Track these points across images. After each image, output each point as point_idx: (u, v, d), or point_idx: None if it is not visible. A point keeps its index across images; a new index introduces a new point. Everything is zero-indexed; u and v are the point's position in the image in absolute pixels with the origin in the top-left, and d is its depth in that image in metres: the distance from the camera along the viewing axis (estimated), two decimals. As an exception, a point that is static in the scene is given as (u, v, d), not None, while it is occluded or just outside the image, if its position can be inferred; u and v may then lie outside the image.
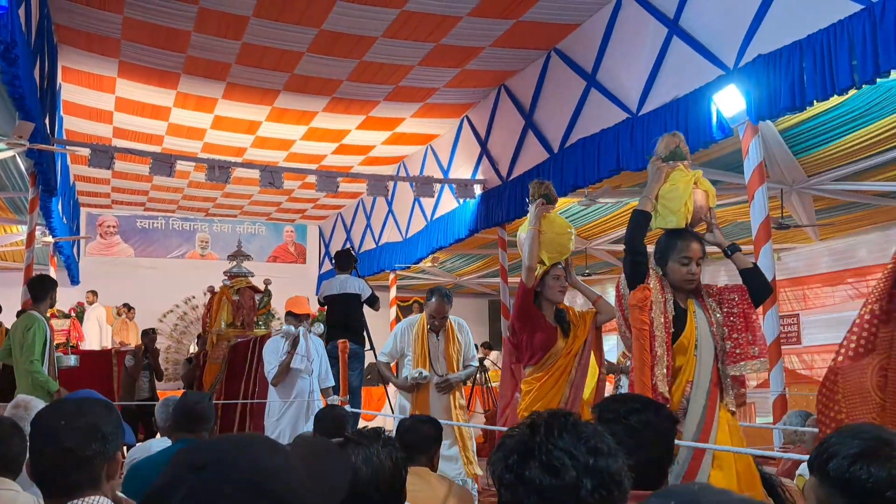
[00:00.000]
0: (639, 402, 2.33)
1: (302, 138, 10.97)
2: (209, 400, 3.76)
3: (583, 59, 7.82)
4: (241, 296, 8.13)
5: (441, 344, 5.54)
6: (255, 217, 16.61)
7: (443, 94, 9.53)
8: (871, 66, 4.75)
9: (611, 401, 2.40)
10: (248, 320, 8.09)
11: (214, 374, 7.86)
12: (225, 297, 8.10)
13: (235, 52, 8.24)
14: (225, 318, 8.01)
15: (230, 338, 7.88)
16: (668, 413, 2.30)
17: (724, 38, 6.05)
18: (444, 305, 5.55)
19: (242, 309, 8.07)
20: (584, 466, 1.30)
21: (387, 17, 7.44)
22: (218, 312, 8.12)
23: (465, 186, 9.83)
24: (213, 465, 0.91)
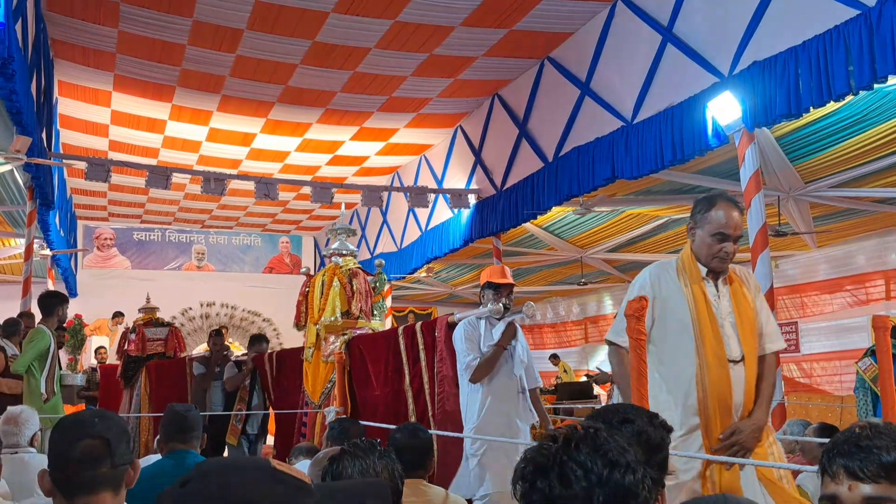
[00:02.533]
0: (632, 411, 2.32)
1: (296, 150, 10.97)
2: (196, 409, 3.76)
3: (576, 67, 7.83)
4: (355, 279, 6.38)
5: None
6: (251, 228, 16.59)
7: (436, 105, 9.53)
8: (868, 72, 4.75)
9: (604, 410, 2.38)
10: (366, 309, 6.38)
11: (323, 375, 6.30)
12: (337, 281, 6.28)
13: (230, 65, 8.24)
14: (339, 306, 6.28)
15: (344, 330, 6.21)
16: (661, 422, 2.28)
17: (719, 45, 6.06)
18: None
19: (359, 295, 6.35)
20: (598, 478, 1.30)
21: (380, 28, 7.45)
22: (327, 299, 6.32)
23: (459, 196, 9.82)
24: (196, 480, 0.97)
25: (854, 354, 10.71)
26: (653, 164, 6.52)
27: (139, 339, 9.32)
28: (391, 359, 5.30)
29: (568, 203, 8.35)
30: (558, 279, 14.35)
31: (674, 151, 6.23)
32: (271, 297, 16.34)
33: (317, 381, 6.12)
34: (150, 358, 9.22)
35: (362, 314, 6.27)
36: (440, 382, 4.82)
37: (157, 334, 9.49)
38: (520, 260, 12.27)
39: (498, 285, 4.92)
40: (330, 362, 5.95)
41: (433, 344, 4.97)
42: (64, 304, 6.72)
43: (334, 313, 6.14)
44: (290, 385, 6.96)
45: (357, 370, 5.67)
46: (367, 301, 6.30)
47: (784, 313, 12.12)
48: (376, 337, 5.70)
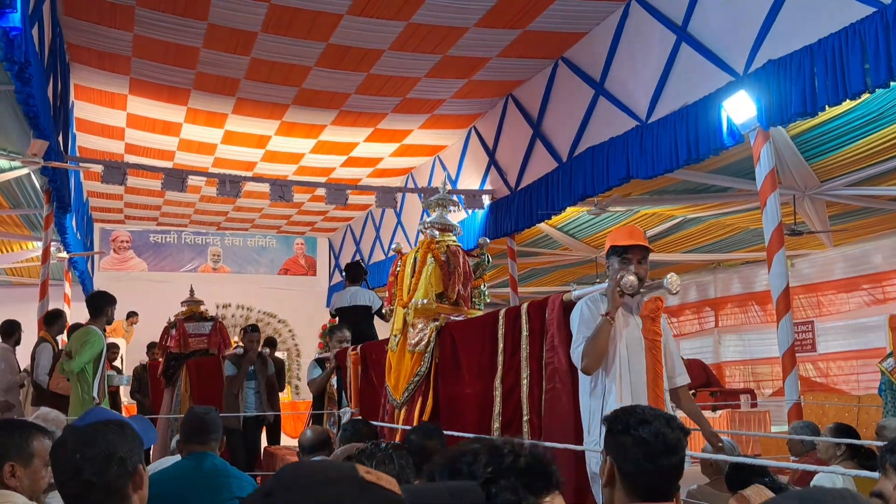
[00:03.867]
0: (649, 413, 2.31)
1: (311, 152, 11.00)
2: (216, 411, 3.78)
3: (590, 67, 7.81)
4: (453, 257, 5.21)
5: None
6: (266, 230, 16.65)
7: (450, 106, 9.54)
8: (885, 70, 4.71)
9: (620, 412, 2.37)
10: (464, 294, 5.26)
11: (409, 368, 5.13)
12: (432, 257, 5.15)
13: (244, 68, 8.29)
14: (433, 286, 5.11)
15: (436, 316, 5.09)
16: (678, 424, 2.27)
17: (734, 44, 6.03)
18: None
19: (457, 276, 5.16)
20: None
21: (393, 29, 7.46)
22: (419, 279, 5.17)
23: (473, 197, 9.82)
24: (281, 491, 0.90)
25: (871, 354, 10.64)
26: (667, 163, 6.49)
27: (179, 334, 8.80)
28: (486, 348, 4.40)
29: (582, 203, 8.33)
30: (573, 279, 14.31)
31: (689, 151, 6.20)
32: (287, 299, 16.42)
33: (400, 375, 5.12)
34: (191, 355, 8.68)
35: (460, 300, 5.19)
36: (549, 377, 3.86)
37: (199, 329, 8.88)
38: (534, 260, 12.26)
39: (625, 249, 3.62)
40: (418, 352, 4.99)
41: (541, 329, 4.01)
42: (113, 304, 6.64)
43: (426, 295, 5.04)
44: (380, 382, 5.96)
45: (446, 362, 4.86)
46: (465, 284, 5.21)
47: (800, 313, 12.04)
48: (473, 323, 4.79)
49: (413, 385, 4.94)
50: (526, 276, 13.40)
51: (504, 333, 4.27)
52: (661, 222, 10.20)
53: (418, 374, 4.93)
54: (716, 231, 10.50)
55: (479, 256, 5.69)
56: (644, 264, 3.66)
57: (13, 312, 10.93)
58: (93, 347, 6.17)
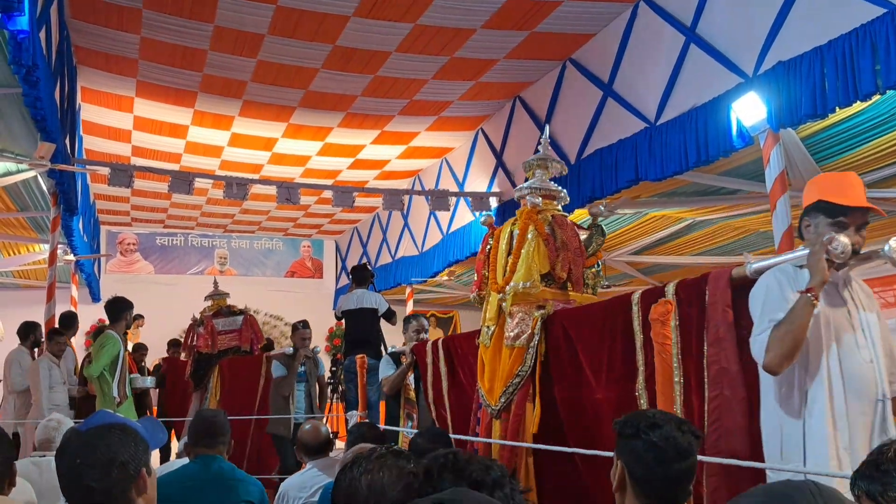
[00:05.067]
0: (660, 417, 2.28)
1: (318, 154, 10.99)
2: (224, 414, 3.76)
3: (599, 68, 7.77)
4: (560, 229, 4.21)
5: None
6: (273, 233, 16.66)
7: (457, 107, 9.51)
8: (895, 71, 4.67)
9: (632, 416, 2.35)
10: (576, 274, 4.25)
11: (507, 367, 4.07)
12: (534, 230, 4.13)
13: (251, 70, 8.28)
14: (537, 266, 4.09)
15: (541, 302, 4.09)
16: (690, 428, 2.24)
17: (743, 46, 5.99)
18: None
19: (566, 252, 4.18)
20: None
21: (400, 31, 7.45)
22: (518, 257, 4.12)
23: (480, 199, 9.79)
24: None
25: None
26: (677, 165, 6.45)
27: (208, 332, 8.10)
28: (617, 342, 3.50)
29: (591, 205, 8.27)
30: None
31: (698, 153, 6.16)
32: (293, 302, 16.41)
33: (496, 376, 4.19)
34: (222, 355, 8.01)
35: (571, 282, 4.24)
36: (714, 381, 2.90)
37: (228, 325, 8.17)
38: (541, 263, 12.21)
39: (842, 210, 2.77)
40: (518, 348, 4.05)
41: (698, 317, 3.05)
42: (131, 308, 6.85)
43: (529, 276, 4.07)
44: (470, 382, 4.87)
45: (558, 360, 3.94)
46: (577, 263, 4.25)
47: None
48: (593, 310, 3.87)
49: (513, 388, 4.03)
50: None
51: (641, 323, 3.32)
52: (669, 225, 10.15)
53: (519, 375, 4.00)
54: (726, 234, 10.44)
55: (591, 229, 4.56)
56: (863, 232, 2.82)
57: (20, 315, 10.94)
58: (109, 351, 6.50)
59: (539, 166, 4.57)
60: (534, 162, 4.60)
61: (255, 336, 8.25)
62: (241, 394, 7.42)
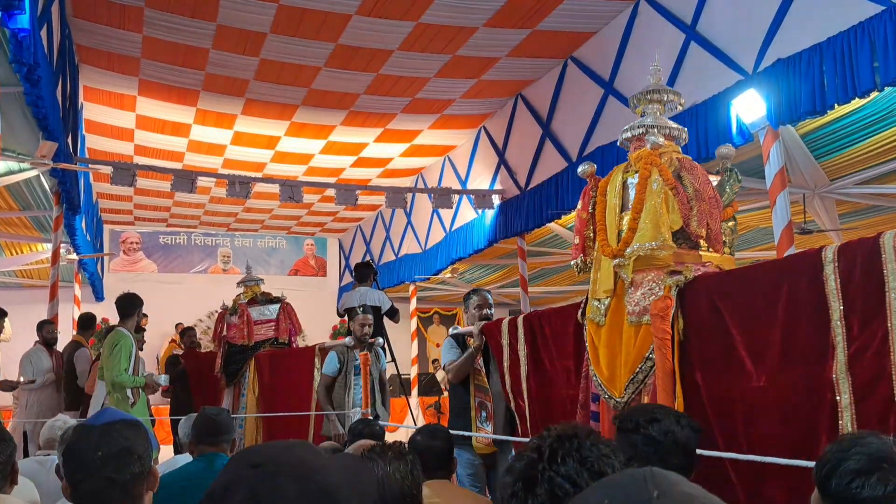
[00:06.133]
0: (659, 411, 2.31)
1: (321, 152, 11.02)
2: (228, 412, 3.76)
3: (600, 66, 7.78)
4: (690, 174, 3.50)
5: None
6: (276, 231, 16.70)
7: (459, 105, 9.53)
8: (894, 68, 4.68)
9: (632, 410, 2.37)
10: (714, 229, 3.49)
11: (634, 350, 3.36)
12: (659, 176, 3.42)
13: (254, 69, 8.31)
14: (667, 220, 3.38)
15: (674, 267, 3.35)
16: (689, 422, 2.27)
17: (743, 43, 6.00)
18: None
19: (701, 202, 3.44)
20: None
21: (402, 30, 7.47)
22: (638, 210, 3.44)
23: (483, 197, 9.82)
24: (268, 462, 1.03)
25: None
26: (677, 162, 6.46)
27: (244, 322, 7.40)
28: (800, 315, 2.78)
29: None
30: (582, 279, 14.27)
31: (698, 149, 6.17)
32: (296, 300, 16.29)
33: (618, 361, 3.43)
34: (257, 347, 7.37)
35: (708, 241, 3.42)
36: None
37: (263, 314, 7.48)
38: (544, 260, 12.23)
39: None
40: (646, 324, 3.28)
41: None
42: (141, 305, 6.66)
43: (658, 235, 3.29)
44: (558, 367, 4.19)
45: (701, 339, 3.18)
46: (714, 216, 3.43)
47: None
48: (753, 274, 3.09)
49: (643, 374, 3.28)
50: (535, 275, 13.38)
51: (842, 288, 2.61)
52: (670, 222, 10.16)
53: (650, 359, 3.25)
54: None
55: (723, 174, 3.74)
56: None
57: (23, 314, 11.04)
58: (126, 351, 6.25)
59: (652, 100, 3.76)
60: (645, 96, 3.78)
61: (293, 326, 7.57)
62: (288, 391, 6.66)
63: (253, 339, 7.41)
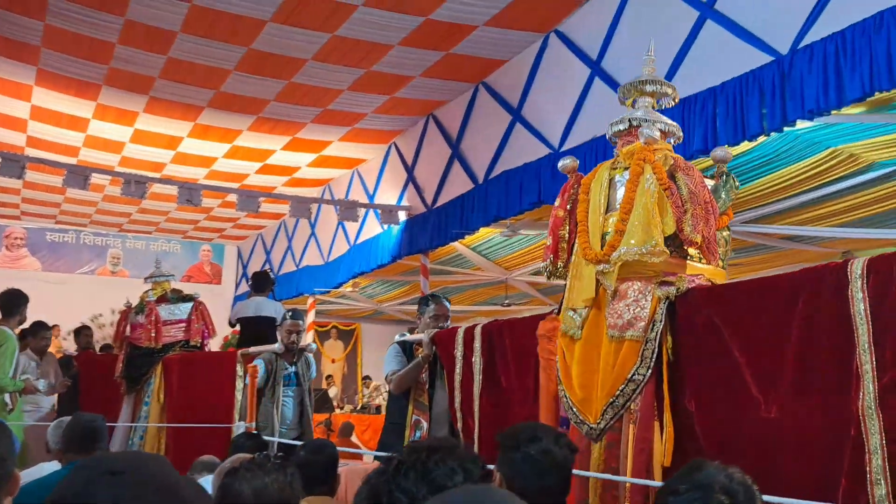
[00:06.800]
0: (539, 430, 2.39)
1: (224, 156, 10.81)
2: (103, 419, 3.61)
3: (509, 93, 8.00)
4: (686, 175, 3.27)
5: None
6: (171, 234, 16.19)
7: (371, 120, 9.57)
8: (780, 116, 5.03)
9: (514, 428, 2.44)
10: (709, 237, 3.24)
11: (614, 369, 3.03)
12: (651, 173, 3.18)
13: (160, 67, 8.10)
14: (659, 223, 3.08)
15: (662, 276, 3.14)
16: (567, 442, 2.35)
17: (644, 82, 6.29)
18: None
19: (696, 206, 3.21)
20: None
21: (318, 40, 7.46)
22: (628, 210, 3.15)
23: (389, 212, 9.86)
24: (131, 471, 1.01)
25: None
26: (577, 191, 6.69)
27: (151, 321, 6.81)
28: (817, 340, 2.45)
29: (496, 224, 8.50)
30: (483, 299, 14.49)
31: (599, 180, 6.42)
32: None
33: (594, 380, 3.06)
34: (165, 350, 6.80)
35: (701, 249, 3.15)
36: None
37: (175, 314, 6.93)
38: (446, 279, 12.37)
39: None
40: (631, 341, 2.93)
41: None
42: (26, 303, 6.12)
43: (649, 238, 2.96)
44: (516, 386, 3.88)
45: (695, 360, 2.89)
46: (710, 223, 3.15)
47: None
48: (761, 286, 2.83)
49: (624, 398, 2.92)
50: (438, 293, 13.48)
51: (872, 308, 2.27)
52: (569, 248, 10.47)
53: (633, 380, 2.88)
54: (620, 259, 10.84)
55: (718, 178, 3.49)
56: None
57: None
58: (10, 351, 5.82)
59: (644, 92, 3.47)
60: (636, 87, 3.48)
61: (206, 328, 7.06)
62: (202, 401, 6.19)
63: (161, 341, 6.85)
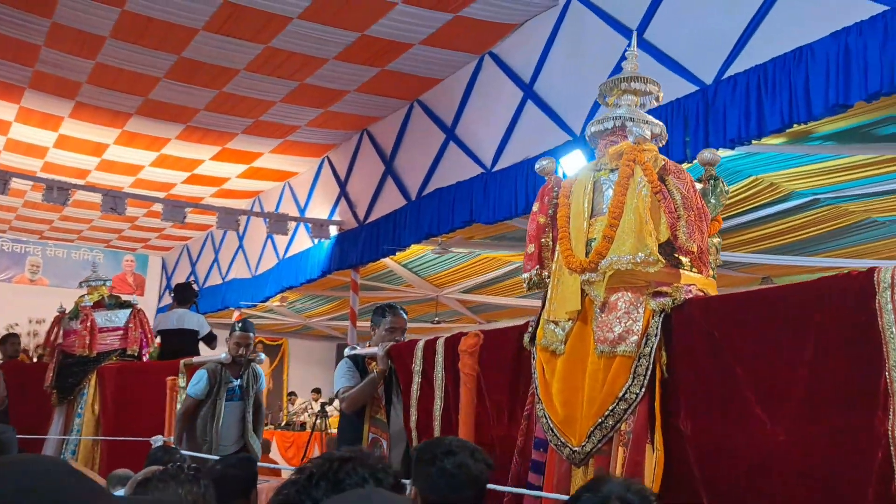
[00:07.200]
0: (455, 445, 2.42)
1: (151, 165, 10.58)
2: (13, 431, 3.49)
3: (444, 112, 8.08)
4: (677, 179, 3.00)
5: None
6: (94, 243, 15.71)
7: (304, 133, 9.52)
8: (703, 144, 5.20)
9: (429, 443, 2.48)
10: (702, 245, 3.01)
11: (601, 387, 2.83)
12: (642, 176, 2.94)
13: (88, 71, 7.90)
14: (651, 229, 2.87)
15: (653, 286, 2.90)
16: (482, 457, 2.39)
17: (574, 106, 6.46)
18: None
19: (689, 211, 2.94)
20: None
21: (251, 51, 7.40)
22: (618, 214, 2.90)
23: (320, 226, 9.80)
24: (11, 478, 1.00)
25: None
26: (507, 211, 6.82)
27: (87, 328, 6.47)
28: (836, 356, 2.27)
29: (427, 242, 8.54)
30: (413, 317, 14.46)
31: (527, 201, 6.54)
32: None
33: (579, 399, 2.85)
34: (100, 359, 6.48)
35: (694, 259, 2.88)
36: None
37: (112, 321, 6.58)
38: (377, 295, 12.32)
39: None
40: (623, 357, 2.72)
41: None
42: None
43: (642, 246, 2.75)
44: (490, 405, 3.57)
45: (692, 377, 2.68)
46: (703, 230, 2.91)
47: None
48: (766, 297, 2.64)
49: (614, 419, 2.70)
50: (367, 309, 13.39)
51: None
52: (499, 267, 10.60)
53: (625, 399, 2.69)
54: (549, 279, 11.01)
55: (707, 182, 3.27)
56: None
57: None
58: None
59: (627, 90, 3.16)
60: (619, 84, 3.16)
61: (144, 336, 6.70)
62: (141, 413, 5.83)
63: (96, 348, 6.52)
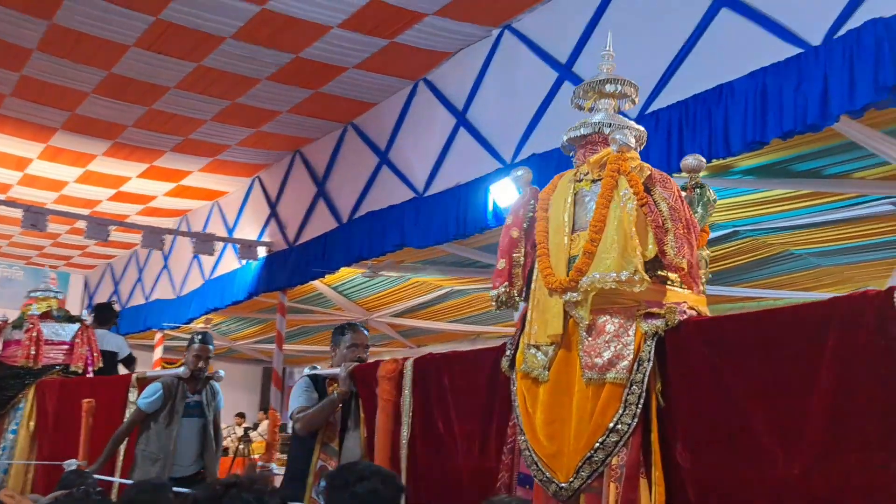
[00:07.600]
0: (367, 470, 2.45)
1: (76, 181, 10.31)
2: None
3: (377, 136, 8.13)
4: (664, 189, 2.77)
5: None
6: (13, 260, 15.13)
7: (235, 153, 9.42)
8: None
9: (342, 468, 2.50)
10: (691, 259, 2.79)
11: (589, 417, 2.63)
12: (628, 188, 2.69)
13: (12, 84, 7.68)
14: (636, 245, 2.62)
15: (644, 307, 2.65)
16: (394, 482, 2.43)
17: (505, 135, 6.58)
18: None
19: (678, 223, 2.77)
20: None
21: (182, 69, 7.31)
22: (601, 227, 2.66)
23: (248, 247, 9.68)
24: None
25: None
26: (438, 235, 6.89)
27: (32, 339, 6.24)
28: (858, 383, 2.07)
29: (358, 265, 8.53)
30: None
31: (457, 227, 6.62)
32: (26, 337, 14.87)
33: (565, 431, 2.60)
34: (41, 373, 6.22)
35: (683, 275, 2.69)
36: None
37: (59, 334, 6.37)
38: (306, 318, 12.21)
39: None
40: (613, 384, 2.50)
41: None
42: None
43: (627, 262, 2.52)
44: (457, 432, 3.30)
45: (690, 405, 2.46)
46: (692, 244, 2.71)
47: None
48: (774, 318, 2.37)
49: (605, 452, 2.46)
50: (295, 333, 13.28)
51: None
52: (429, 291, 10.65)
53: (616, 430, 2.46)
54: (479, 304, 11.12)
55: (692, 191, 3.01)
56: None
57: None
58: None
59: (604, 93, 2.96)
60: (595, 87, 2.96)
61: (91, 354, 6.44)
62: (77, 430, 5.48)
63: (42, 360, 6.25)
